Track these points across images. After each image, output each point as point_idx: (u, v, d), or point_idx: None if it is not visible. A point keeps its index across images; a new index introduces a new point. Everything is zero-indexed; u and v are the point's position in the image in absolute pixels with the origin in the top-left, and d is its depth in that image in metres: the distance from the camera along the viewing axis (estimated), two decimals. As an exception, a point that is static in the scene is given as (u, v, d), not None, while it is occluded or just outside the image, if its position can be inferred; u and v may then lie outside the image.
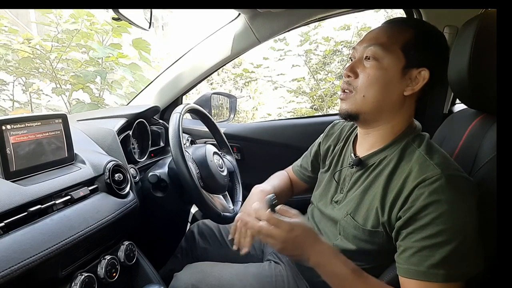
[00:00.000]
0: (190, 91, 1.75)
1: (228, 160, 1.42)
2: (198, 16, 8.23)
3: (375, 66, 0.83)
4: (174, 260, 1.34)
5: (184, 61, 1.65)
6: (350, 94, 0.87)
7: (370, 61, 0.83)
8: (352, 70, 0.86)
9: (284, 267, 1.10)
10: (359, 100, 0.85)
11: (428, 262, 0.71)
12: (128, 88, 2.96)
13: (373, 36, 0.85)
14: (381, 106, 0.85)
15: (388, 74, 0.82)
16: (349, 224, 0.88)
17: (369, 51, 0.83)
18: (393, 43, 0.82)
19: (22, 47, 2.65)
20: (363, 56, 0.86)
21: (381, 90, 0.83)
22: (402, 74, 0.82)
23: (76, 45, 2.72)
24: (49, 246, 0.72)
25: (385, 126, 0.88)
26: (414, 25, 0.85)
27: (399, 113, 0.87)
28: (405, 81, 0.82)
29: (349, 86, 0.87)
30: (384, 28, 0.86)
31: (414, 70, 0.81)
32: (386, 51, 0.82)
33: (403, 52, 0.81)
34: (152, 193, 1.16)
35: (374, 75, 0.83)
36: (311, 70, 4.65)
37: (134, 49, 2.77)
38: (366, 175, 0.89)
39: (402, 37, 0.82)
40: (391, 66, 0.82)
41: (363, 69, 0.85)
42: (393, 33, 0.83)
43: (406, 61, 0.81)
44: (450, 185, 0.71)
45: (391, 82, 0.82)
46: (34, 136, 0.84)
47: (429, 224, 0.71)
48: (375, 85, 0.83)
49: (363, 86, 0.84)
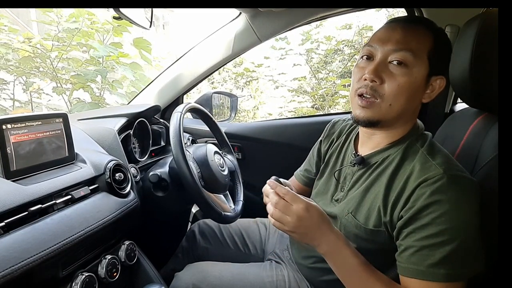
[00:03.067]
0: (191, 90, 1.75)
1: (229, 159, 1.41)
2: (199, 16, 8.23)
3: (405, 74, 0.78)
4: (175, 260, 1.34)
5: (185, 60, 1.65)
6: (374, 101, 0.81)
7: (400, 67, 0.78)
8: (378, 75, 0.79)
9: (285, 267, 1.10)
10: (384, 109, 0.80)
11: (428, 261, 0.71)
12: (129, 87, 2.96)
13: (402, 39, 0.79)
14: (404, 114, 0.82)
15: (416, 83, 0.79)
16: (350, 223, 0.88)
17: (399, 56, 0.78)
18: (422, 50, 0.79)
19: (22, 46, 2.66)
20: (386, 59, 0.80)
21: (409, 99, 0.80)
22: (426, 82, 0.81)
23: (76, 44, 2.72)
24: (49, 246, 0.72)
25: (392, 129, 0.87)
26: (431, 28, 0.82)
27: (412, 117, 0.86)
28: (426, 88, 0.82)
29: (374, 93, 0.80)
30: (410, 30, 0.80)
31: (434, 77, 0.81)
32: (416, 58, 0.78)
33: (428, 60, 0.79)
34: (153, 193, 1.16)
35: (404, 83, 0.78)
36: (312, 69, 4.64)
37: (135, 48, 2.77)
38: (368, 173, 0.89)
39: (428, 43, 0.79)
40: (419, 74, 0.79)
41: (390, 75, 0.79)
42: (420, 38, 0.80)
43: (430, 69, 0.79)
44: (452, 185, 0.71)
45: (418, 91, 0.81)
46: (34, 135, 0.84)
47: (430, 224, 0.71)
48: (404, 94, 0.79)
49: (391, 95, 0.79)
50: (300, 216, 0.75)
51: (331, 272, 0.94)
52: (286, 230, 0.77)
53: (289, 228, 0.76)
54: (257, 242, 1.29)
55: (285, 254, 1.17)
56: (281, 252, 1.18)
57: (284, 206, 0.76)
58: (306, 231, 0.77)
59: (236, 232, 1.31)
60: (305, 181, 1.22)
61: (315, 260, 1.00)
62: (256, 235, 1.31)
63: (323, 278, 0.99)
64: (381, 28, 0.86)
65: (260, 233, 1.31)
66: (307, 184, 1.22)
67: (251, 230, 1.32)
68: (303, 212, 0.75)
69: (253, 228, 1.33)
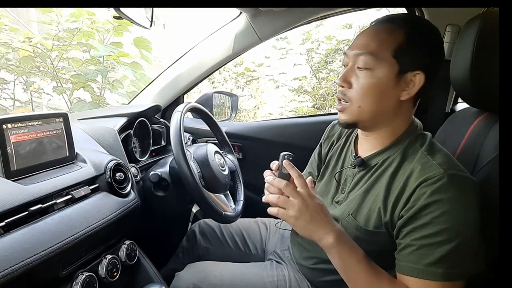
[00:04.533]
0: (191, 90, 1.75)
1: (229, 159, 1.41)
2: (199, 15, 8.23)
3: (368, 76, 0.80)
4: (176, 260, 1.34)
5: (186, 60, 1.65)
6: (346, 104, 0.85)
7: (364, 71, 0.81)
8: (346, 80, 0.84)
9: (286, 267, 1.10)
10: (355, 111, 0.84)
11: (426, 260, 0.71)
12: (129, 87, 2.95)
13: (363, 43, 0.82)
14: (379, 114, 0.84)
15: (382, 83, 0.80)
16: (350, 225, 0.88)
17: (360, 61, 0.81)
18: (384, 50, 0.79)
19: (22, 46, 2.65)
20: (355, 65, 0.83)
21: (377, 100, 0.81)
22: (397, 80, 0.80)
23: (77, 44, 2.71)
24: (50, 246, 0.72)
25: (385, 129, 0.87)
26: (404, 23, 0.81)
27: (397, 117, 0.86)
28: (400, 86, 0.81)
29: (344, 96, 0.85)
30: (373, 31, 0.83)
31: (409, 74, 0.79)
32: (377, 59, 0.79)
33: (395, 58, 0.79)
34: (153, 193, 1.16)
35: (367, 85, 0.81)
36: (312, 68, 4.64)
37: (135, 47, 2.77)
38: (368, 175, 0.89)
39: (393, 41, 0.79)
40: (384, 74, 0.79)
41: (356, 78, 0.82)
42: (382, 38, 0.80)
43: (400, 67, 0.79)
44: (452, 185, 0.71)
45: (386, 90, 0.81)
46: (35, 135, 0.84)
47: (430, 223, 0.71)
48: (370, 95, 0.81)
49: (358, 97, 0.82)
50: (306, 199, 0.76)
51: (332, 273, 0.94)
52: (290, 215, 0.76)
53: (294, 213, 0.75)
54: (257, 242, 1.29)
55: (286, 254, 1.16)
56: (282, 252, 1.18)
57: (292, 188, 0.77)
58: (312, 217, 0.76)
59: (237, 232, 1.31)
60: None
61: (316, 261, 1.00)
62: (256, 235, 1.31)
63: (324, 279, 0.99)
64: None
65: (261, 233, 1.31)
66: None
67: (251, 230, 1.32)
68: (309, 196, 0.77)
69: (254, 228, 1.33)
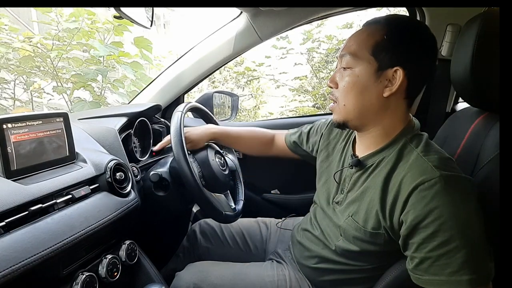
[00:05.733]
0: (192, 89, 1.75)
1: (230, 159, 1.41)
2: (200, 15, 8.22)
3: (348, 75, 0.85)
4: (176, 260, 1.34)
5: (186, 59, 1.65)
6: (334, 105, 0.91)
7: (346, 71, 0.86)
8: (333, 81, 0.90)
9: (286, 266, 1.10)
10: (342, 110, 0.89)
11: (448, 269, 0.70)
12: (129, 86, 2.95)
13: (346, 45, 0.87)
14: (363, 112, 0.86)
15: (361, 80, 0.83)
16: (350, 226, 0.88)
17: (344, 62, 0.87)
18: (362, 49, 0.83)
19: (23, 46, 2.66)
20: (341, 65, 0.88)
21: (358, 97, 0.85)
22: (376, 77, 0.82)
23: (77, 44, 2.72)
24: (50, 246, 0.72)
25: (376, 128, 0.88)
26: (386, 23, 0.84)
27: (387, 115, 0.86)
28: (381, 83, 0.82)
29: (333, 97, 0.91)
30: (356, 34, 0.88)
31: (389, 71, 0.81)
32: (356, 58, 0.84)
33: (374, 56, 0.82)
34: (154, 192, 1.16)
35: (348, 83, 0.85)
36: (313, 68, 4.64)
37: (135, 47, 2.77)
38: (365, 176, 0.89)
39: (371, 40, 0.83)
40: (362, 72, 0.83)
41: (341, 78, 0.88)
42: (362, 38, 0.85)
43: (378, 64, 0.81)
44: (450, 187, 0.70)
45: (366, 87, 0.83)
46: (35, 134, 0.84)
47: (438, 231, 0.70)
48: (350, 92, 0.85)
49: (342, 96, 0.88)
50: None
51: (333, 272, 0.94)
52: None
53: None
54: (258, 241, 1.29)
55: (287, 254, 1.16)
56: (282, 252, 1.18)
57: None
58: None
59: (237, 231, 1.31)
60: (294, 150, 1.31)
61: (317, 261, 1.00)
62: (257, 234, 1.31)
63: (324, 278, 0.99)
64: None
65: (261, 232, 1.31)
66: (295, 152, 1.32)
67: (252, 230, 1.32)
68: None
69: (254, 227, 1.33)
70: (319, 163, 1.13)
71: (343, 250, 0.92)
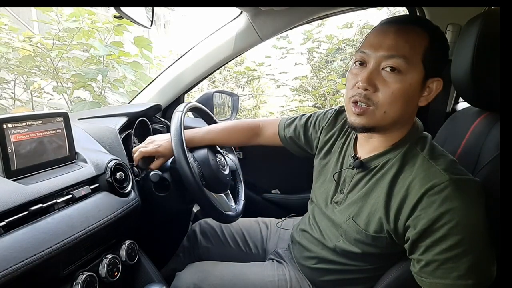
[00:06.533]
0: (192, 89, 1.75)
1: (230, 158, 1.41)
2: (200, 14, 8.21)
3: (399, 81, 0.76)
4: (176, 259, 1.34)
5: (186, 59, 1.65)
6: (368, 109, 0.79)
7: (394, 74, 0.76)
8: (371, 83, 0.77)
9: (287, 266, 1.10)
10: (378, 116, 0.79)
11: (454, 273, 0.69)
12: (129, 86, 2.95)
13: (394, 45, 0.76)
14: (400, 119, 0.81)
15: (411, 89, 0.77)
16: (351, 228, 0.87)
17: (392, 63, 0.76)
18: (415, 54, 0.76)
19: (23, 46, 2.66)
20: (379, 66, 0.78)
21: (404, 106, 0.78)
22: (422, 86, 0.78)
23: (77, 43, 2.72)
24: (50, 245, 0.72)
25: (392, 132, 0.85)
26: (426, 27, 0.79)
27: (409, 120, 0.85)
28: (422, 92, 0.80)
29: (368, 101, 0.79)
30: (402, 33, 0.77)
31: (430, 80, 0.78)
32: (410, 63, 0.75)
33: (423, 63, 0.77)
34: (154, 192, 1.16)
35: (398, 91, 0.76)
36: (313, 68, 4.63)
37: (135, 47, 2.77)
38: (368, 178, 0.88)
39: (421, 46, 0.76)
40: (414, 80, 0.76)
41: (384, 82, 0.77)
42: (414, 41, 0.76)
43: (426, 72, 0.77)
44: (460, 191, 0.70)
45: (413, 96, 0.79)
46: (35, 134, 0.84)
47: (448, 235, 0.69)
48: (399, 101, 0.77)
49: (385, 103, 0.77)
50: None
51: (333, 272, 0.94)
52: None
53: None
54: (258, 241, 1.29)
55: (287, 253, 1.16)
56: (282, 252, 1.18)
57: None
58: None
59: (237, 231, 1.31)
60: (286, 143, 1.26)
61: (317, 261, 1.00)
62: (257, 234, 1.31)
63: (324, 278, 0.99)
64: (373, 31, 0.83)
65: (261, 232, 1.31)
66: (286, 145, 1.26)
67: (252, 230, 1.32)
68: None
69: (255, 227, 1.33)
70: (317, 160, 1.11)
71: (343, 251, 0.92)
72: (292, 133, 1.21)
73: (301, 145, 1.21)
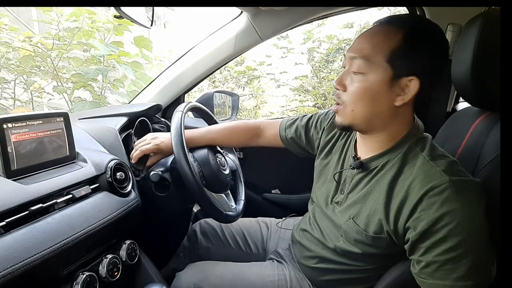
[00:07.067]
0: (192, 89, 1.75)
1: (230, 158, 1.41)
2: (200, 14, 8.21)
3: (360, 81, 0.80)
4: (176, 259, 1.34)
5: (186, 59, 1.65)
6: (340, 107, 0.86)
7: (357, 75, 0.81)
8: (341, 83, 0.84)
9: (287, 266, 1.10)
10: (349, 114, 0.84)
11: (454, 275, 0.69)
12: (130, 86, 2.95)
13: (358, 46, 0.81)
14: (372, 118, 0.83)
15: (374, 88, 0.79)
16: (351, 229, 0.87)
17: (354, 65, 0.81)
18: (376, 54, 0.78)
19: (23, 45, 2.66)
20: (350, 67, 0.83)
21: (369, 104, 0.81)
22: (390, 85, 0.78)
23: (77, 43, 2.71)
24: (50, 245, 0.72)
25: (382, 133, 0.86)
26: (403, 24, 0.79)
27: (394, 122, 0.84)
28: (394, 91, 0.79)
29: (339, 99, 0.86)
30: (370, 34, 0.81)
31: (404, 79, 0.78)
32: (370, 64, 0.78)
33: (389, 63, 0.77)
34: (154, 192, 1.16)
35: (359, 90, 0.80)
36: (314, 68, 4.63)
37: (136, 47, 2.77)
38: (368, 178, 0.88)
39: (387, 45, 0.77)
40: (376, 79, 0.78)
41: (351, 82, 0.82)
42: (378, 41, 0.78)
43: (393, 72, 0.77)
44: (460, 193, 0.70)
45: (379, 95, 0.79)
46: (35, 134, 0.84)
47: (448, 236, 0.69)
48: (362, 99, 0.81)
49: (350, 101, 0.83)
50: None
51: (333, 272, 0.94)
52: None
53: None
54: (258, 241, 1.29)
55: (287, 253, 1.16)
56: (283, 252, 1.18)
57: None
58: None
59: (238, 231, 1.31)
60: (287, 144, 1.26)
61: (318, 261, 1.00)
62: (257, 234, 1.31)
63: (325, 278, 0.99)
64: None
65: (262, 232, 1.31)
66: (287, 145, 1.26)
67: (252, 230, 1.32)
68: None
69: (255, 227, 1.33)
70: (318, 161, 1.11)
71: (343, 251, 0.92)
72: (293, 133, 1.22)
73: (303, 145, 1.21)
